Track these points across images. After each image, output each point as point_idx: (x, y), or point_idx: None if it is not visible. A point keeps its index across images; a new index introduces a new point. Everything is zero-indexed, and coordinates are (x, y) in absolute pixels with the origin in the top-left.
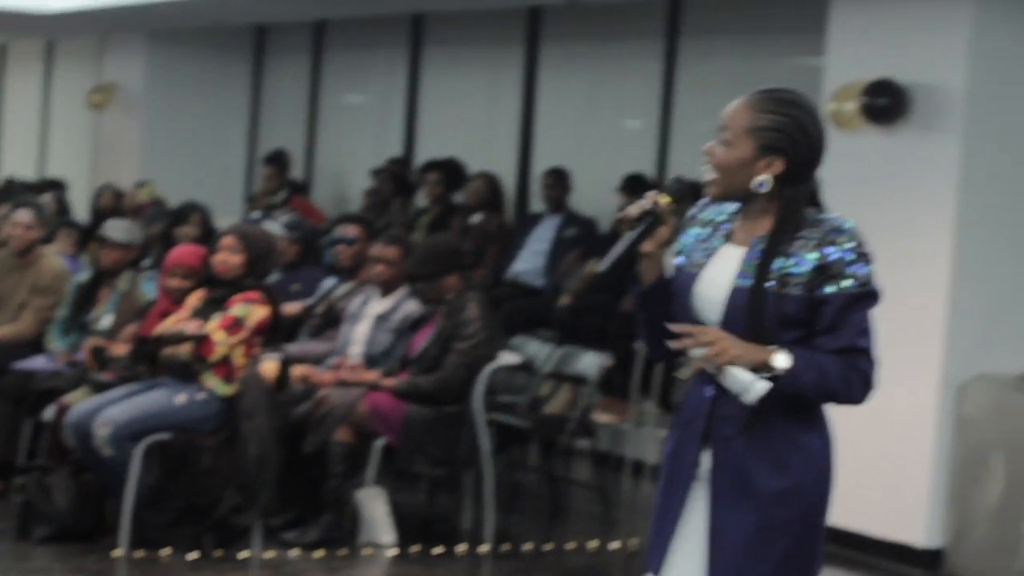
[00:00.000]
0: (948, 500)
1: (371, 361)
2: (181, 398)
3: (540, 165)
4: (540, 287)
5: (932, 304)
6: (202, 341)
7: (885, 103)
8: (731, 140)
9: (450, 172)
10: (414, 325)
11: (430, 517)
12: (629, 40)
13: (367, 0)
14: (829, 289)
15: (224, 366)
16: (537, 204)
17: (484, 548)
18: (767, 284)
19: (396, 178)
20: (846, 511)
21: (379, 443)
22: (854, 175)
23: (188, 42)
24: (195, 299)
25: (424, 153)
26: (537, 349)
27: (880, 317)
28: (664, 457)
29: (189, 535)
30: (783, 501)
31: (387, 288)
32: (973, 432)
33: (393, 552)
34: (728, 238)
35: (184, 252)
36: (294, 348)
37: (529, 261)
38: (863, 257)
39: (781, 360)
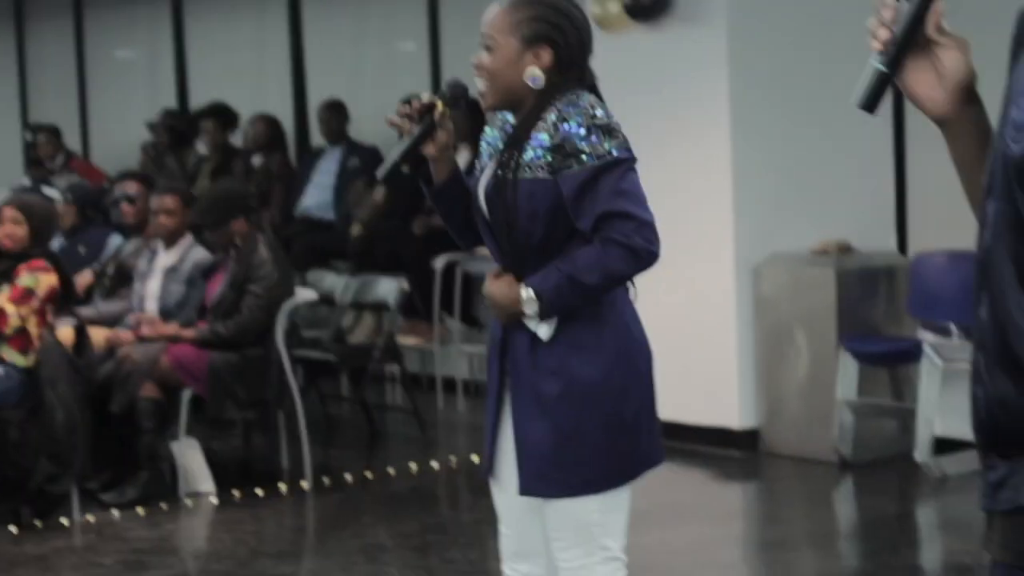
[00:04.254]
0: (757, 380)
1: (167, 314)
2: None
3: (316, 100)
4: (330, 220)
5: (718, 191)
6: None
7: (648, 2)
8: (494, 43)
9: (224, 117)
10: (206, 273)
11: (248, 460)
12: None
13: None
14: (567, 168)
15: (20, 338)
16: (317, 139)
17: (306, 484)
18: (509, 173)
19: (172, 130)
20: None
21: (186, 394)
22: (624, 76)
23: None
24: None
25: (198, 101)
26: (334, 281)
27: (669, 206)
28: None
29: (6, 509)
30: (568, 402)
31: (171, 239)
32: (771, 311)
33: (214, 500)
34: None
35: None
36: (88, 311)
37: (316, 196)
38: (597, 129)
39: (528, 305)
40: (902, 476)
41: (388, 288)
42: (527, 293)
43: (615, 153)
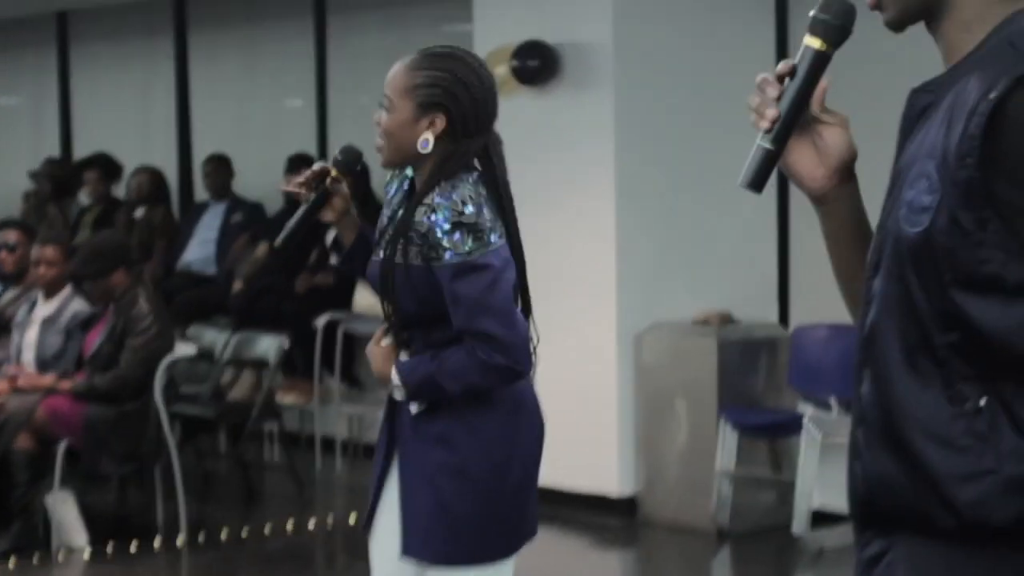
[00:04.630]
0: (637, 448)
1: (44, 365)
2: None
3: (201, 153)
4: (212, 275)
5: (601, 258)
6: None
7: (536, 65)
8: (391, 104)
9: (107, 168)
10: (85, 324)
11: (123, 514)
12: (280, 21)
13: (8, 1)
14: (434, 262)
15: None
16: (201, 193)
17: (180, 540)
18: (392, 255)
19: (54, 179)
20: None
21: (62, 446)
22: (513, 139)
23: None
24: None
25: (82, 151)
26: (215, 337)
27: (554, 272)
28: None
29: None
30: (448, 474)
31: (51, 290)
32: (653, 379)
33: (88, 553)
34: (411, 194)
35: None
36: None
37: (199, 250)
38: (462, 226)
39: (396, 390)
40: (779, 548)
41: (269, 345)
42: (395, 378)
43: (474, 255)
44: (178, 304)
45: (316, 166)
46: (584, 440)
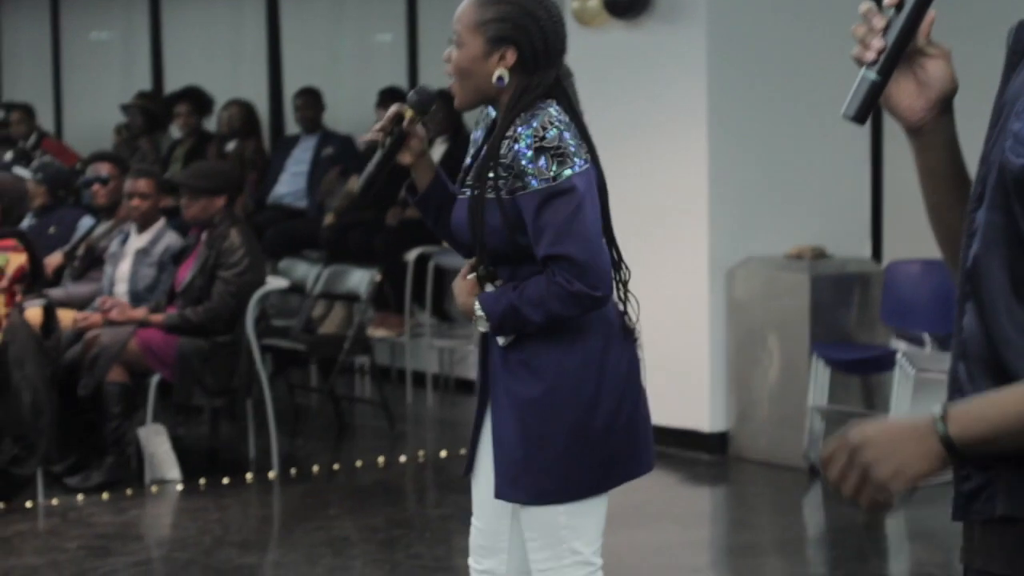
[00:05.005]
0: (728, 383)
1: (136, 298)
2: None
3: (291, 87)
4: (303, 209)
5: (694, 192)
6: None
7: None
8: (461, 40)
9: (198, 101)
10: (177, 258)
11: (215, 448)
12: None
13: None
14: (519, 192)
15: None
16: (292, 126)
17: (272, 474)
18: (475, 190)
19: (146, 112)
20: None
21: (154, 379)
22: (603, 72)
23: None
24: None
25: (173, 85)
26: (306, 271)
27: (646, 206)
28: None
29: None
30: (537, 407)
31: (144, 222)
32: (745, 314)
33: (180, 487)
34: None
35: None
36: (58, 292)
37: (290, 184)
38: (545, 151)
39: (480, 322)
40: None
41: (360, 279)
42: (479, 310)
43: (559, 180)
44: (269, 238)
45: (391, 109)
46: (676, 375)
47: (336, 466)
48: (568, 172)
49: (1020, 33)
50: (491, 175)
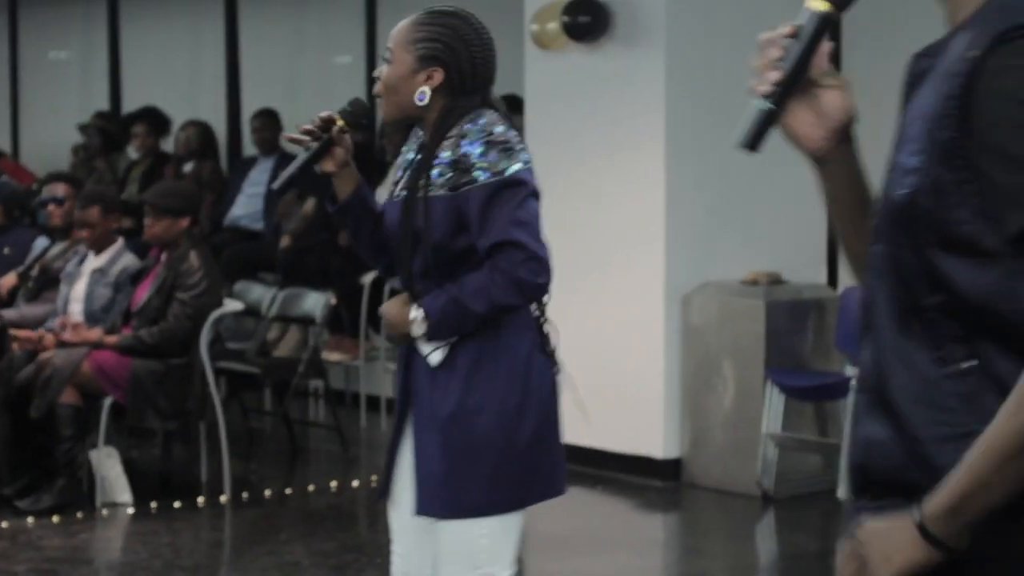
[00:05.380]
0: (683, 410)
1: (92, 318)
2: None
3: (250, 108)
4: (259, 231)
5: (651, 216)
6: None
7: (587, 21)
8: (393, 57)
9: (156, 122)
10: (134, 278)
11: (167, 471)
12: None
13: None
14: (466, 185)
15: None
16: (250, 148)
17: (224, 498)
18: (416, 192)
19: (104, 132)
20: (583, 427)
21: (107, 401)
22: (562, 94)
23: None
24: None
25: (131, 105)
26: (261, 293)
27: (602, 230)
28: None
29: None
30: (460, 423)
31: (98, 247)
32: (700, 340)
33: (131, 511)
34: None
35: None
36: (11, 313)
37: (246, 206)
38: (495, 145)
39: (416, 326)
40: (824, 512)
41: (315, 302)
42: (416, 313)
43: (511, 172)
44: (225, 259)
45: (322, 114)
46: (630, 401)
47: (289, 490)
48: (517, 166)
49: (913, 64)
50: (424, 176)
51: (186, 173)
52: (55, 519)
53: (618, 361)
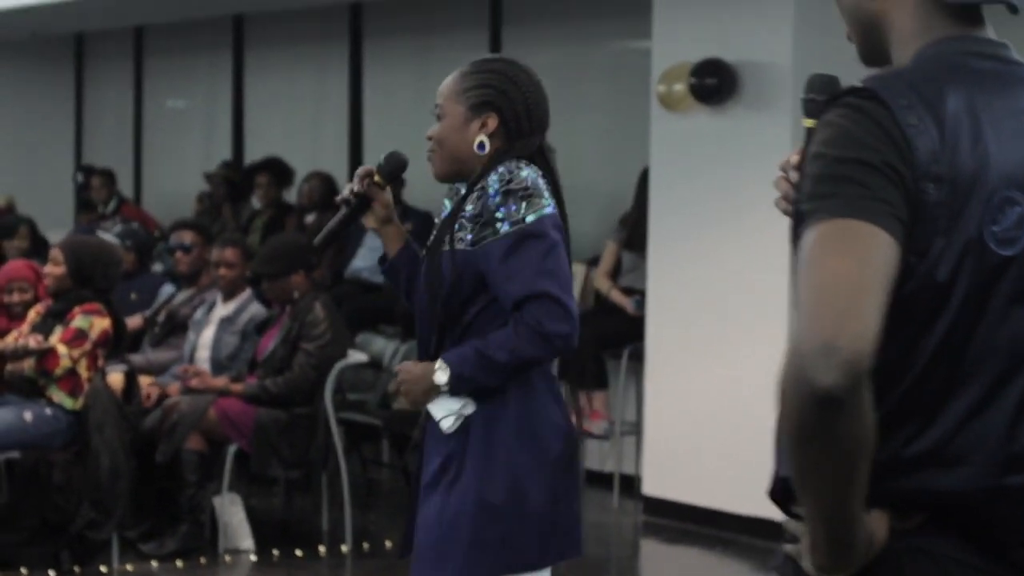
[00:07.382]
0: None
1: (218, 366)
2: (28, 415)
3: (372, 161)
4: (380, 283)
5: (774, 279)
6: (45, 355)
7: (714, 83)
8: (443, 111)
9: (279, 172)
10: (260, 328)
11: (288, 520)
12: (453, 31)
13: (186, 3)
14: (484, 239)
15: (69, 380)
16: None
17: (344, 548)
18: (441, 246)
19: (228, 182)
20: (711, 492)
21: (231, 449)
22: (687, 156)
23: (7, 55)
24: (34, 313)
25: (254, 155)
26: (383, 345)
27: (724, 297)
28: None
29: (46, 553)
30: (455, 491)
31: (230, 291)
32: None
33: (253, 557)
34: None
35: (17, 266)
36: (137, 359)
37: (368, 258)
38: (512, 194)
39: (439, 374)
40: None
41: None
42: (439, 363)
43: (531, 220)
44: (346, 311)
45: (361, 169)
46: (752, 463)
47: None
48: (537, 214)
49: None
50: (450, 229)
51: (308, 224)
52: (178, 563)
53: (738, 419)
